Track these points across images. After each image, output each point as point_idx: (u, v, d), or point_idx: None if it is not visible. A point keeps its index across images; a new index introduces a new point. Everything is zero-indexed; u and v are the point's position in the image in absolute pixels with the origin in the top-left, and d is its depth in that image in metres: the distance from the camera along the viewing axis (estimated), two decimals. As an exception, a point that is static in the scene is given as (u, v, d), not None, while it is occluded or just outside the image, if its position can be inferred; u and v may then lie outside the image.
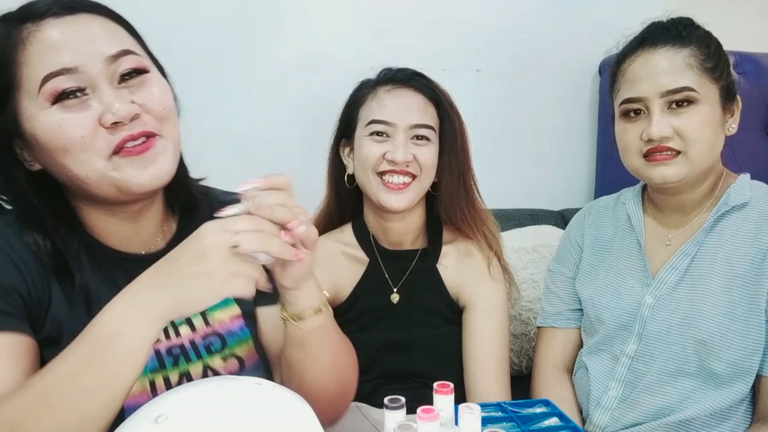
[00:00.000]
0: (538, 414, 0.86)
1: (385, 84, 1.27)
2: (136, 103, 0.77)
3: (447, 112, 1.27)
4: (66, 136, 0.74)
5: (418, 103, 1.25)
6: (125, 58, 0.77)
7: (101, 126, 0.75)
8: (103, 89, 0.75)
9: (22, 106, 0.75)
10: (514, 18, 1.84)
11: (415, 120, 1.23)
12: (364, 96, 1.28)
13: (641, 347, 1.12)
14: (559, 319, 1.28)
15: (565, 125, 1.94)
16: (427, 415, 0.67)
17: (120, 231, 0.86)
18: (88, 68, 0.74)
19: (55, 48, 0.74)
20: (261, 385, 0.70)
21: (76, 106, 0.74)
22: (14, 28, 0.75)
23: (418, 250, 1.32)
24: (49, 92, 0.73)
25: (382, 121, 1.23)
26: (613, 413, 1.13)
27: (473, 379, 1.23)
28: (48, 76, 0.73)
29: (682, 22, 1.12)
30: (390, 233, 1.30)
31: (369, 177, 1.23)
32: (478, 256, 1.30)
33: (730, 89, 1.10)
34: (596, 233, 1.28)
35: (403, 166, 1.20)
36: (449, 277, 1.29)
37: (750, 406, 1.08)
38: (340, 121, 1.33)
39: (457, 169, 1.27)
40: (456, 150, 1.27)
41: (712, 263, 1.09)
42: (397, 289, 1.29)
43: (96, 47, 0.75)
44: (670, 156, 1.07)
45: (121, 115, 0.74)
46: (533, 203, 1.85)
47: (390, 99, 1.24)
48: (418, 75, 1.28)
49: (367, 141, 1.24)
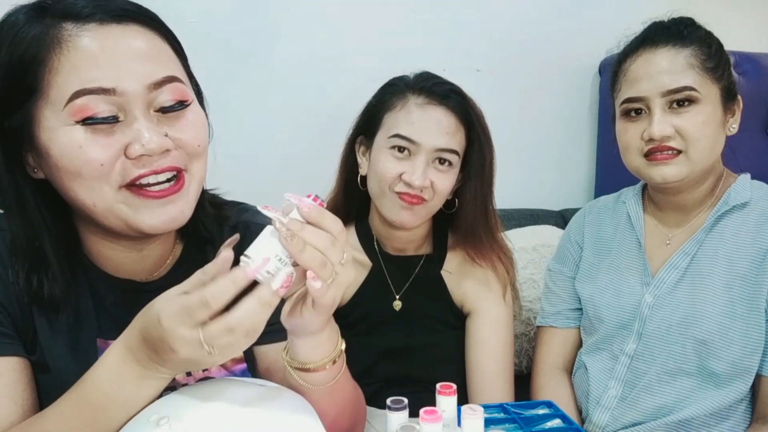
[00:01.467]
0: (540, 415, 0.86)
1: (418, 94, 1.18)
2: (169, 137, 0.69)
3: (478, 137, 1.20)
4: (84, 160, 0.66)
5: (449, 125, 1.16)
6: (169, 86, 0.70)
7: (125, 156, 0.67)
8: (137, 116, 0.67)
9: (42, 114, 0.67)
10: (514, 18, 1.84)
11: (442, 144, 1.16)
12: (394, 101, 1.20)
13: (641, 346, 1.12)
14: (559, 318, 1.28)
15: (565, 125, 1.94)
16: (429, 417, 0.67)
17: (121, 258, 0.79)
18: (127, 92, 0.66)
19: (94, 61, 0.66)
20: (264, 387, 0.70)
21: (104, 131, 0.67)
22: (51, 26, 0.66)
23: (423, 256, 1.29)
24: (78, 110, 0.65)
25: (406, 138, 1.15)
26: (612, 412, 1.14)
27: (477, 386, 1.22)
28: (81, 91, 0.65)
29: (684, 21, 1.12)
30: (395, 239, 1.27)
31: (384, 192, 1.18)
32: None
33: (731, 89, 1.11)
34: (596, 232, 1.28)
35: (417, 190, 1.15)
36: (453, 283, 1.27)
37: (749, 405, 1.08)
38: (362, 117, 1.26)
39: (481, 197, 1.22)
40: (483, 177, 1.21)
41: (712, 263, 1.09)
42: (400, 296, 1.26)
43: (139, 69, 0.68)
44: (670, 156, 1.07)
45: (151, 148, 0.67)
46: (533, 203, 1.84)
47: (420, 115, 1.16)
48: (456, 92, 1.19)
49: (387, 154, 1.17)
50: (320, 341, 0.71)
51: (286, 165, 1.73)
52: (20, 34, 0.67)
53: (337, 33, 1.73)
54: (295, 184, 1.54)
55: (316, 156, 1.41)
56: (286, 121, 1.74)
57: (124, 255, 0.79)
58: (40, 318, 0.75)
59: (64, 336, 0.76)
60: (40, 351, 0.75)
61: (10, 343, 0.73)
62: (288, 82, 1.72)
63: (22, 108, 0.67)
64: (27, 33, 0.66)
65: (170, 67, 0.71)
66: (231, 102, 1.67)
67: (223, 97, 1.64)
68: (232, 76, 1.67)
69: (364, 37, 1.74)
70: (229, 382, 0.70)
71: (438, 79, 1.21)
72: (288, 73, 1.71)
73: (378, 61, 1.32)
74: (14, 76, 0.67)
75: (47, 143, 0.67)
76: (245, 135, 1.68)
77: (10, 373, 0.72)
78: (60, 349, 0.76)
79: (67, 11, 0.67)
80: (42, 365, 0.75)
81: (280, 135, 1.74)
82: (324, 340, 0.71)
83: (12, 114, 0.68)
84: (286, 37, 1.71)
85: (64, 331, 0.75)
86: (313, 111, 1.73)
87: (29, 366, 0.75)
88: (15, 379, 0.73)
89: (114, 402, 0.64)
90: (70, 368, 0.75)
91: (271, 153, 1.73)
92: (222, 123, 1.64)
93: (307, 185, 0.75)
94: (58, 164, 0.67)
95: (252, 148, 1.70)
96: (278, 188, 1.38)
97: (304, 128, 1.74)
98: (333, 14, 1.73)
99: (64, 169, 0.67)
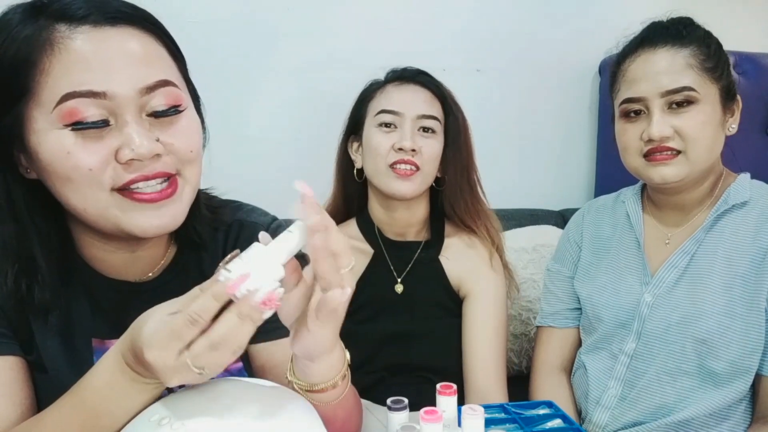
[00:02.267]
0: (541, 415, 0.86)
1: (392, 80, 1.32)
2: (160, 142, 0.68)
3: (451, 108, 1.32)
4: (73, 166, 0.65)
5: (425, 96, 1.30)
6: (162, 90, 0.69)
7: (115, 160, 0.67)
8: (127, 121, 0.66)
9: (32, 116, 0.66)
10: (514, 18, 1.84)
11: (422, 110, 1.27)
12: (373, 93, 1.33)
13: (640, 346, 1.12)
14: (558, 318, 1.29)
15: (565, 125, 1.94)
16: (430, 417, 0.67)
17: (114, 260, 0.79)
18: (118, 95, 0.65)
19: (85, 63, 0.65)
20: (264, 386, 0.70)
21: (93, 135, 0.66)
22: (45, 27, 0.65)
23: (422, 241, 1.35)
24: (67, 113, 0.64)
25: (390, 110, 1.27)
26: (612, 412, 1.14)
27: (471, 368, 1.25)
28: (70, 94, 0.64)
29: (682, 22, 1.12)
30: (395, 223, 1.34)
31: (380, 169, 1.27)
32: (479, 247, 1.33)
33: (731, 89, 1.11)
34: (595, 232, 1.28)
35: (410, 153, 1.24)
36: (451, 268, 1.32)
37: (749, 405, 1.08)
38: (349, 118, 1.38)
39: (460, 164, 1.32)
40: (459, 145, 1.32)
41: (711, 262, 1.09)
42: (401, 280, 1.32)
43: (132, 72, 0.67)
44: (670, 156, 1.07)
45: (141, 153, 0.66)
46: (533, 203, 1.85)
47: (397, 92, 1.30)
48: (423, 73, 1.33)
49: (376, 132, 1.28)
50: (333, 359, 0.69)
51: (285, 165, 1.73)
52: (13, 35, 0.66)
53: (337, 33, 1.74)
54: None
55: (316, 156, 1.43)
56: (285, 121, 1.74)
57: (116, 256, 0.79)
58: (34, 318, 0.75)
59: (58, 336, 0.75)
60: (36, 351, 0.75)
61: (6, 343, 0.73)
62: (288, 83, 1.72)
63: (13, 110, 0.67)
64: (20, 33, 0.66)
65: (164, 71, 0.70)
66: (230, 102, 1.68)
67: (223, 97, 1.66)
68: (232, 77, 1.68)
69: (365, 38, 1.75)
70: (229, 382, 0.70)
71: (406, 67, 1.34)
72: (287, 74, 1.72)
73: (378, 62, 1.34)
74: (5, 77, 0.66)
75: (36, 147, 0.67)
76: (245, 135, 1.69)
77: (7, 372, 0.72)
78: (55, 349, 0.76)
79: (61, 12, 0.66)
80: (39, 365, 0.75)
81: (280, 135, 1.74)
82: (336, 358, 0.70)
83: (3, 116, 0.67)
84: (286, 37, 1.71)
85: (58, 331, 0.75)
86: (313, 111, 1.73)
87: (26, 366, 0.75)
88: (12, 379, 0.72)
89: (111, 405, 0.64)
90: (65, 368, 0.75)
91: (271, 153, 1.73)
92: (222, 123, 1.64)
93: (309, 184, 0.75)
94: (48, 168, 0.67)
95: (251, 148, 1.70)
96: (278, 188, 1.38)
97: (304, 128, 1.75)
98: (333, 15, 1.73)
99: (54, 174, 0.67)
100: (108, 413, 0.64)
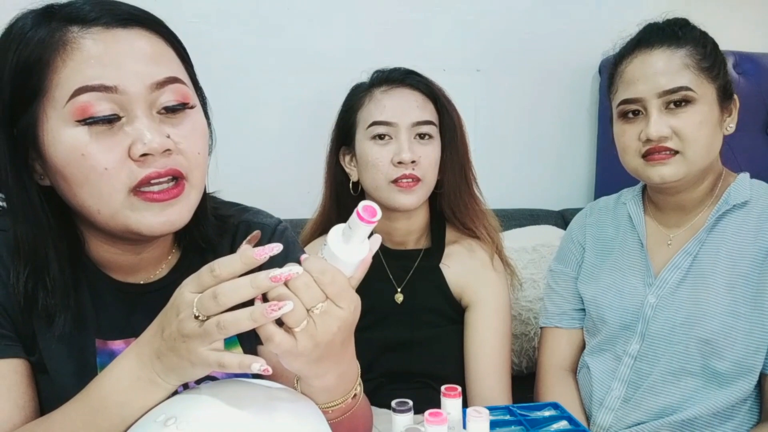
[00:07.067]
0: (547, 417, 0.86)
1: (379, 85, 1.26)
2: (171, 139, 0.70)
3: (445, 107, 1.27)
4: (89, 167, 0.67)
5: (417, 100, 1.24)
6: (171, 87, 0.71)
7: (129, 158, 0.68)
8: (138, 116, 0.68)
9: (45, 113, 0.68)
10: (514, 18, 1.84)
11: (416, 117, 1.23)
12: (360, 99, 1.27)
13: (644, 347, 1.12)
14: (564, 318, 1.28)
15: (565, 125, 1.94)
16: (434, 419, 0.67)
17: (120, 261, 0.80)
18: (129, 90, 0.67)
19: (97, 60, 0.67)
20: (270, 388, 0.70)
21: (105, 132, 0.68)
22: (57, 29, 0.68)
23: (422, 249, 1.32)
24: (79, 108, 0.66)
25: (383, 122, 1.22)
26: (616, 413, 1.13)
27: (474, 378, 1.23)
28: (83, 88, 0.66)
29: (678, 22, 1.12)
30: (394, 233, 1.31)
31: (380, 183, 1.23)
32: (480, 252, 1.31)
33: (728, 88, 1.11)
34: (598, 233, 1.28)
35: (410, 166, 1.21)
36: (452, 276, 1.29)
37: (753, 404, 1.08)
38: (337, 128, 1.32)
39: (458, 163, 1.29)
40: (456, 144, 1.28)
41: (714, 262, 1.09)
42: (401, 289, 1.29)
43: (142, 69, 0.69)
44: (668, 156, 1.07)
45: (153, 147, 0.68)
46: (533, 203, 1.85)
47: (388, 99, 1.24)
48: (412, 73, 1.28)
49: (371, 145, 1.23)
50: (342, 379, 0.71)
51: (285, 165, 1.72)
52: (26, 39, 0.68)
53: (336, 33, 1.73)
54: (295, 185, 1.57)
55: (316, 156, 1.41)
56: (285, 121, 1.73)
57: (122, 257, 0.80)
58: (38, 319, 0.75)
59: (61, 336, 0.75)
60: (38, 351, 0.75)
61: (11, 345, 0.73)
62: (287, 83, 1.71)
63: (28, 110, 0.68)
64: (33, 36, 0.68)
65: (173, 69, 0.72)
66: (230, 102, 1.67)
67: (223, 97, 1.64)
68: (232, 77, 1.67)
69: (365, 38, 1.74)
70: (236, 383, 0.70)
71: (393, 68, 1.29)
72: (287, 74, 1.71)
73: (378, 62, 1.33)
74: (21, 79, 0.68)
75: (50, 147, 0.68)
76: (244, 135, 1.68)
77: (11, 375, 0.73)
78: (57, 350, 0.76)
79: (73, 15, 0.68)
80: (40, 365, 0.76)
81: (280, 135, 1.73)
82: (348, 377, 0.71)
83: (19, 119, 0.69)
84: (286, 37, 1.70)
85: (61, 331, 0.75)
86: (313, 111, 1.72)
87: (30, 367, 0.75)
88: (16, 381, 0.73)
89: (124, 406, 0.64)
90: (67, 368, 0.75)
91: (271, 153, 1.72)
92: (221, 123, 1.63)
93: (306, 185, 0.75)
94: (64, 171, 0.68)
95: (251, 148, 1.69)
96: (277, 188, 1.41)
97: (304, 128, 1.73)
98: (333, 15, 1.73)
99: (69, 176, 0.68)
100: (119, 414, 0.65)
